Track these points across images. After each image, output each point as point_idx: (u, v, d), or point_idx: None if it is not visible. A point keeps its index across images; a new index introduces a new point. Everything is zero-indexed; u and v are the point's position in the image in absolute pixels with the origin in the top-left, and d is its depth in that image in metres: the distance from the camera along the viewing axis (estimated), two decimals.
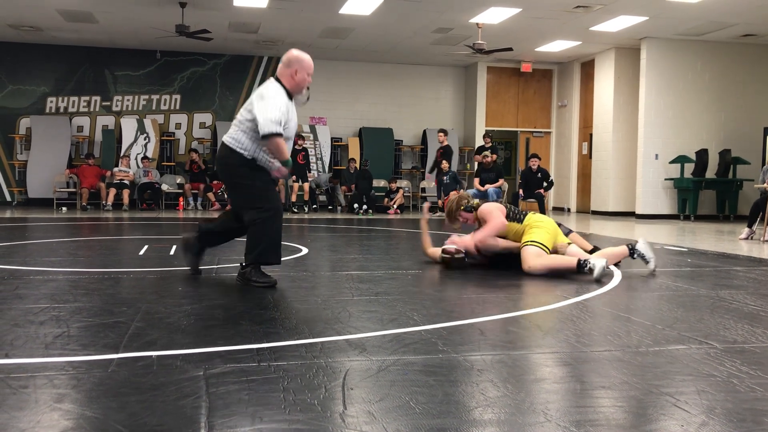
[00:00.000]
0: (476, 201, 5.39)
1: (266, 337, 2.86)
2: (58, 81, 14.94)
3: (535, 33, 13.25)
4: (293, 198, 14.21)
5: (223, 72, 15.69)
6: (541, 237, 4.98)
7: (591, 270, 4.65)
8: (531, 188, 12.43)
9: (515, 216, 5.16)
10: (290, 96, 4.11)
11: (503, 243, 5.15)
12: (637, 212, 13.73)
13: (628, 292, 4.30)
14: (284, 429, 1.82)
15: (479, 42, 12.36)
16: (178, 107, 15.56)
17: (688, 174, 13.39)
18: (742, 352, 2.73)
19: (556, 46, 14.38)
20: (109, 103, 15.23)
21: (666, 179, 13.65)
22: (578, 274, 4.74)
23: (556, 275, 4.78)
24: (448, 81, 16.84)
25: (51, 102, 14.95)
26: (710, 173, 13.53)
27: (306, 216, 12.70)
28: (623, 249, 5.18)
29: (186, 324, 3.07)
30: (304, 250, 6.36)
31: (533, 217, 5.14)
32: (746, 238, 8.57)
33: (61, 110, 14.99)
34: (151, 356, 2.51)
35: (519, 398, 2.11)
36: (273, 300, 3.75)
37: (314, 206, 14.47)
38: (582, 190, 16.00)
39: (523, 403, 2.06)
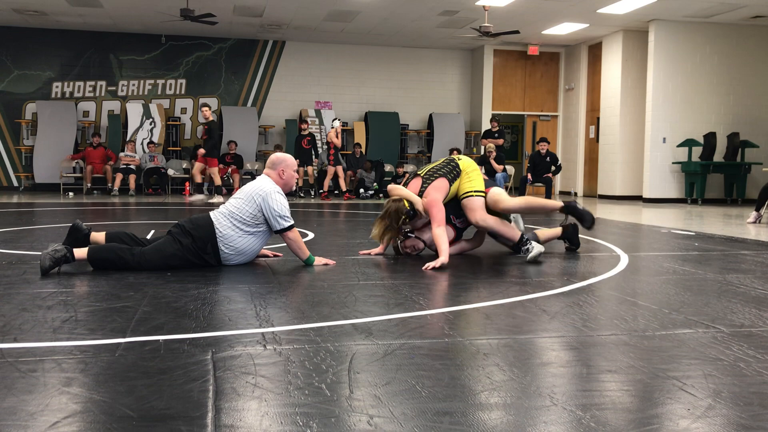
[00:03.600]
0: (405, 201, 4.77)
1: (273, 321, 2.87)
2: (63, 66, 14.93)
3: (542, 15, 13.14)
4: (300, 183, 14.22)
5: (228, 56, 15.64)
6: (480, 184, 4.91)
7: (527, 251, 4.76)
8: (539, 172, 12.39)
9: (451, 173, 4.87)
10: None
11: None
12: (644, 196, 13.69)
13: (634, 276, 4.29)
14: (291, 412, 1.82)
15: (486, 25, 12.27)
16: (183, 92, 15.55)
17: (695, 157, 13.31)
18: (750, 336, 2.73)
19: (564, 29, 14.27)
20: (114, 88, 15.23)
21: (673, 163, 13.59)
22: (513, 249, 4.99)
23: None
24: (455, 64, 16.75)
25: (57, 87, 14.96)
26: (718, 157, 13.45)
27: (312, 200, 12.70)
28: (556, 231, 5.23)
29: (193, 308, 3.08)
30: (311, 235, 6.36)
31: (465, 164, 4.92)
32: (754, 222, 8.53)
33: (67, 95, 15.00)
34: (159, 340, 2.52)
35: (525, 382, 2.11)
36: (279, 284, 3.76)
37: (320, 191, 14.45)
38: (589, 174, 15.94)
39: (530, 387, 2.06)
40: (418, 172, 4.99)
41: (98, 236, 4.35)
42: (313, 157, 14.47)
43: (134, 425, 1.72)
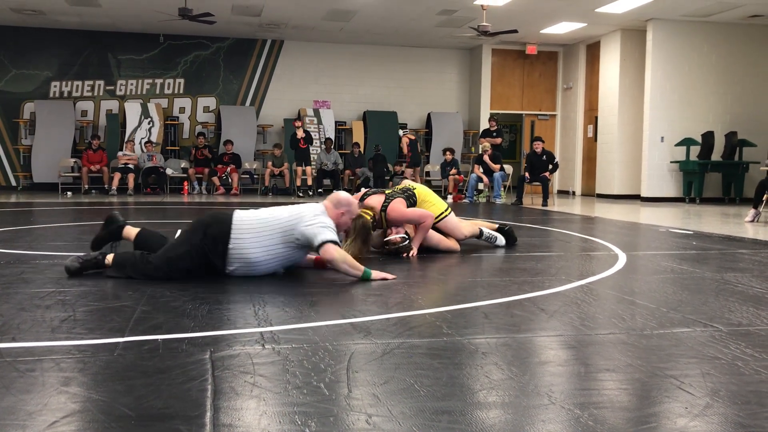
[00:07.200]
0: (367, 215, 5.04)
1: (271, 320, 2.87)
2: (61, 65, 14.91)
3: (540, 15, 13.15)
4: (297, 182, 14.23)
5: (227, 55, 15.63)
6: (444, 205, 5.31)
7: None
8: (536, 171, 12.39)
9: (410, 199, 5.14)
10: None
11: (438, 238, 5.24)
12: (642, 195, 13.70)
13: (632, 275, 4.30)
14: (289, 412, 1.83)
15: (484, 24, 12.27)
16: (181, 91, 15.53)
17: (693, 157, 13.32)
18: (747, 335, 2.73)
19: (562, 28, 14.28)
20: (113, 88, 15.21)
21: (671, 162, 13.60)
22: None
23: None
24: (453, 64, 16.75)
25: (55, 86, 14.94)
26: (716, 156, 13.46)
27: (311, 200, 12.70)
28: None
29: (191, 308, 3.08)
30: None
31: (420, 192, 5.28)
32: (752, 221, 8.53)
33: (65, 95, 14.98)
34: (157, 340, 2.52)
35: (523, 381, 2.12)
36: (277, 284, 3.75)
37: (319, 190, 14.47)
38: (587, 173, 15.95)
39: (528, 386, 2.07)
40: (386, 191, 5.27)
41: (131, 232, 4.07)
42: (311, 156, 14.50)
43: (133, 424, 1.72)
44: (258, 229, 3.75)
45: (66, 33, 14.77)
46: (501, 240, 5.54)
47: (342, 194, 4.10)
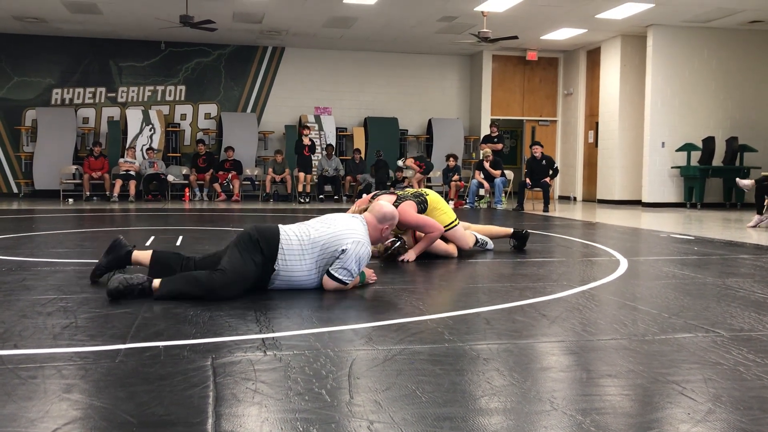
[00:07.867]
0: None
1: (272, 327, 2.87)
2: (63, 73, 14.95)
3: (540, 21, 13.18)
4: (299, 189, 14.24)
5: (228, 62, 15.67)
6: (453, 214, 5.39)
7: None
8: (537, 177, 12.39)
9: (421, 204, 5.16)
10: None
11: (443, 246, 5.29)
12: (643, 201, 13.69)
13: (634, 280, 4.29)
14: (291, 418, 1.83)
15: (484, 30, 12.30)
16: (183, 98, 15.56)
17: (694, 162, 13.33)
18: (749, 340, 2.73)
19: (562, 34, 14.30)
20: (114, 95, 15.24)
21: (672, 167, 13.60)
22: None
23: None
24: (454, 70, 16.78)
25: (56, 94, 14.97)
26: (717, 161, 13.46)
27: (314, 206, 12.70)
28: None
29: (193, 314, 3.08)
30: None
31: (432, 199, 5.30)
32: (754, 226, 8.51)
33: (67, 102, 15.01)
34: (159, 346, 2.52)
35: (525, 387, 2.11)
36: (279, 290, 3.75)
37: (320, 196, 14.48)
38: (588, 179, 15.95)
39: (530, 392, 2.07)
40: (396, 191, 5.35)
41: (141, 256, 3.77)
42: (313, 163, 14.52)
43: (135, 431, 1.72)
44: (302, 251, 3.62)
45: (67, 40, 14.82)
46: (490, 244, 5.71)
47: (386, 208, 3.95)
